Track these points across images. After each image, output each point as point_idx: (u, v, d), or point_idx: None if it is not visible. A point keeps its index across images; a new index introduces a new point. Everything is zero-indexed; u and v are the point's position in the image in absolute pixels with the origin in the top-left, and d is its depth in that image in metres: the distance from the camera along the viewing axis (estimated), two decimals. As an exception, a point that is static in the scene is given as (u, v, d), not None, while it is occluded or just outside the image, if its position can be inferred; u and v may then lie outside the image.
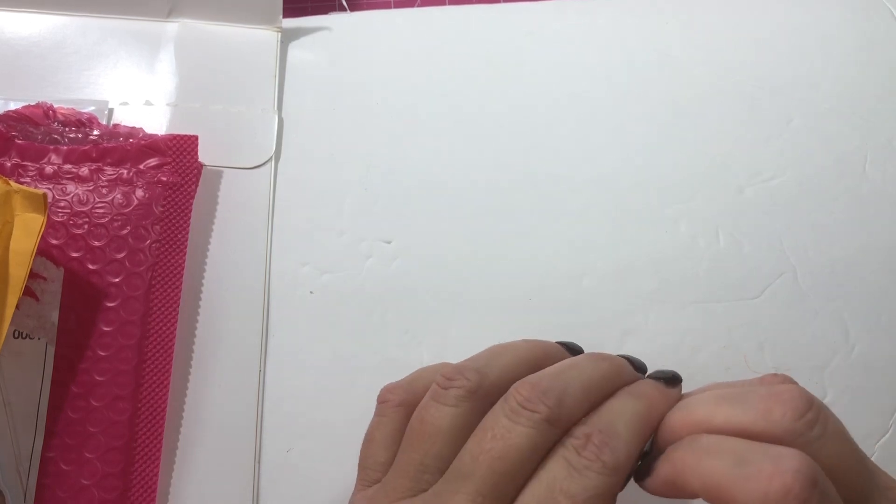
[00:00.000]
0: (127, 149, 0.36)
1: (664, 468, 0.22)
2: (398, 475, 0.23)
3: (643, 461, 0.23)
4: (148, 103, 0.39)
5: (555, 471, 0.22)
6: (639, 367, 0.26)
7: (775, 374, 0.23)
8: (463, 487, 0.22)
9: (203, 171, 0.37)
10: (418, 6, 0.44)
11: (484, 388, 0.24)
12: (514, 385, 0.23)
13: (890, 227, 0.39)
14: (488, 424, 0.23)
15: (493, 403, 0.24)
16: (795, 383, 0.22)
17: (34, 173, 0.35)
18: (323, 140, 0.39)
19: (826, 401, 0.35)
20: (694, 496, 0.21)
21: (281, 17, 0.41)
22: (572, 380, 0.23)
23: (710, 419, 0.22)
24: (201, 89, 0.39)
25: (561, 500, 0.21)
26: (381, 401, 0.27)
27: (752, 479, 0.19)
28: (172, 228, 0.35)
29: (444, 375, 0.25)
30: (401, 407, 0.26)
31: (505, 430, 0.22)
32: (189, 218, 0.36)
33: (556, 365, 0.25)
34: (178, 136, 0.36)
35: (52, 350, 0.33)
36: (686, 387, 0.36)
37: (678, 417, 0.23)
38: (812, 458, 0.19)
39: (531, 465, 0.22)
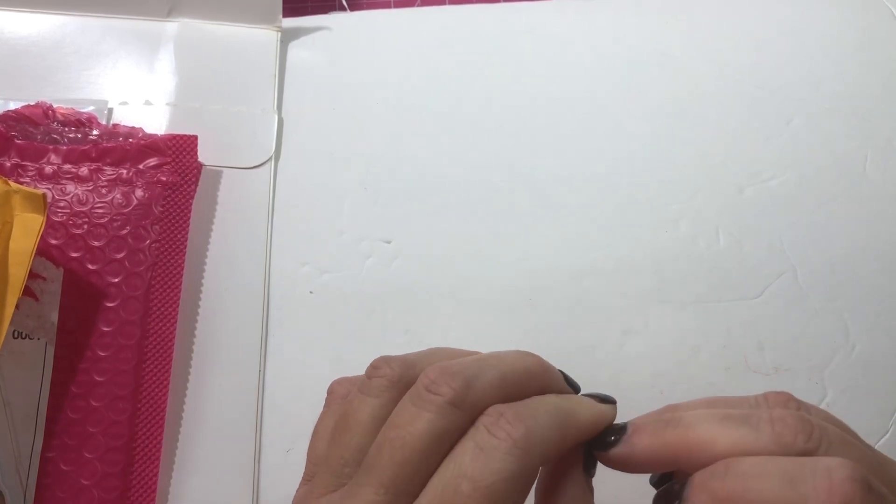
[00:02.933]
0: (126, 149, 0.35)
1: (702, 498, 0.20)
2: (324, 470, 0.23)
3: (666, 493, 0.22)
4: (147, 103, 0.39)
5: (462, 454, 0.21)
6: (571, 384, 0.25)
7: (772, 394, 0.22)
8: (368, 480, 0.21)
9: (203, 171, 0.37)
10: (418, 6, 0.44)
11: (408, 378, 0.23)
12: (425, 369, 0.22)
13: (890, 227, 0.39)
14: (396, 412, 0.22)
15: None
16: (788, 397, 0.21)
17: (34, 173, 0.35)
18: (323, 140, 0.39)
19: (826, 401, 0.35)
20: None
21: (281, 16, 0.41)
22: (488, 367, 0.22)
23: (712, 441, 0.20)
24: (201, 89, 0.39)
25: (464, 485, 0.20)
26: (328, 392, 0.26)
27: (811, 498, 0.18)
28: (172, 228, 0.35)
29: (370, 366, 0.24)
30: (345, 399, 0.25)
31: (409, 417, 0.21)
32: (189, 218, 0.36)
33: (479, 354, 0.24)
34: (178, 135, 0.36)
35: (51, 350, 0.33)
36: (686, 387, 0.36)
37: (673, 434, 0.21)
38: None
39: (439, 452, 0.21)
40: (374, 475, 0.21)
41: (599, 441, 0.23)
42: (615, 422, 0.23)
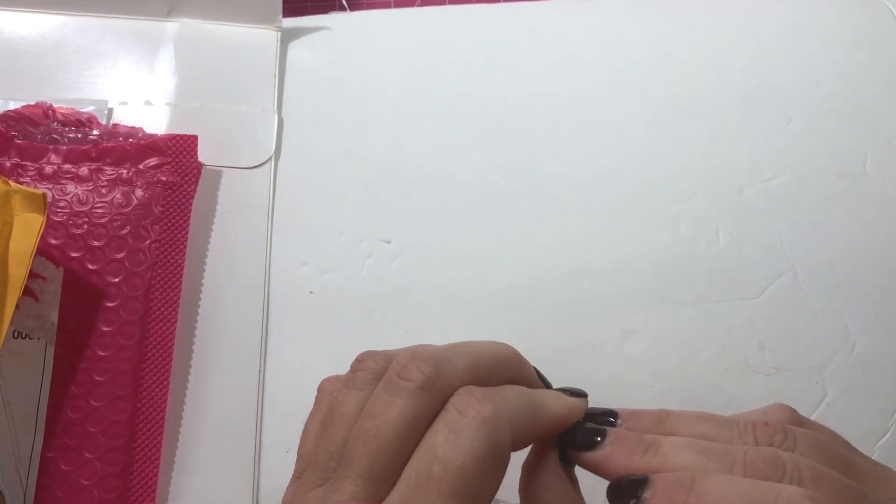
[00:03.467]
0: (126, 148, 0.35)
1: None
2: (312, 465, 0.23)
3: (623, 486, 0.22)
4: (147, 103, 0.39)
5: (434, 436, 0.21)
6: (543, 380, 0.25)
7: (760, 424, 0.22)
8: (348, 472, 0.21)
9: (203, 171, 0.37)
10: (418, 6, 0.44)
11: None
12: (396, 356, 0.22)
13: (890, 227, 0.39)
14: (370, 403, 0.22)
15: None
16: (775, 431, 0.22)
17: (34, 173, 0.35)
18: (323, 140, 0.39)
19: (826, 401, 0.35)
20: None
21: (281, 16, 0.41)
22: (460, 354, 0.22)
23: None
24: (201, 89, 0.39)
25: (435, 468, 0.20)
26: (318, 390, 0.26)
27: None
28: (172, 228, 0.35)
29: (355, 360, 0.24)
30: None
31: (382, 406, 0.21)
32: (189, 218, 0.36)
33: (454, 343, 0.24)
34: (178, 135, 0.36)
35: (51, 350, 0.33)
36: (686, 387, 0.36)
37: (651, 462, 0.21)
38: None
39: (413, 437, 0.21)
40: (353, 466, 0.21)
41: (571, 438, 0.23)
42: (604, 415, 0.24)
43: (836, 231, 0.38)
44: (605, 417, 0.24)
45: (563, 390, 0.24)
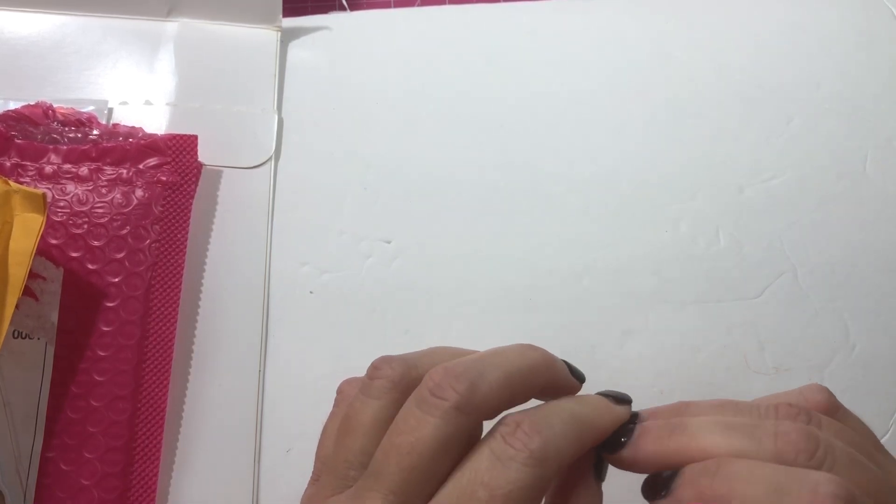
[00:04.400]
0: (126, 148, 0.35)
1: (687, 493, 0.20)
2: (329, 472, 0.23)
3: (655, 480, 0.22)
4: (147, 103, 0.39)
5: (478, 461, 0.21)
6: (576, 374, 0.25)
7: (783, 405, 0.22)
8: (376, 485, 0.21)
9: (203, 171, 0.37)
10: (418, 6, 0.44)
11: (409, 378, 0.23)
12: (429, 371, 0.22)
13: (890, 227, 0.39)
14: (401, 416, 0.22)
15: None
16: (799, 411, 0.21)
17: (34, 173, 0.35)
18: (323, 140, 0.39)
19: (826, 401, 0.35)
20: None
21: (281, 16, 0.41)
22: (492, 366, 0.22)
23: (714, 451, 0.20)
24: (201, 89, 0.39)
25: (480, 492, 0.20)
26: (338, 392, 0.26)
27: None
28: (172, 228, 0.35)
29: (371, 366, 0.24)
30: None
31: (415, 422, 0.21)
32: (189, 218, 0.36)
33: (481, 352, 0.23)
34: (178, 135, 0.36)
35: (51, 350, 0.33)
36: (684, 386, 0.36)
37: (678, 441, 0.21)
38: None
39: (448, 457, 0.21)
40: (383, 481, 0.21)
41: (608, 442, 0.23)
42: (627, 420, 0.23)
43: (836, 231, 0.38)
44: (626, 424, 0.23)
45: (608, 395, 0.24)
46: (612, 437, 0.23)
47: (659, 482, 0.21)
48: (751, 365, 0.36)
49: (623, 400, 0.23)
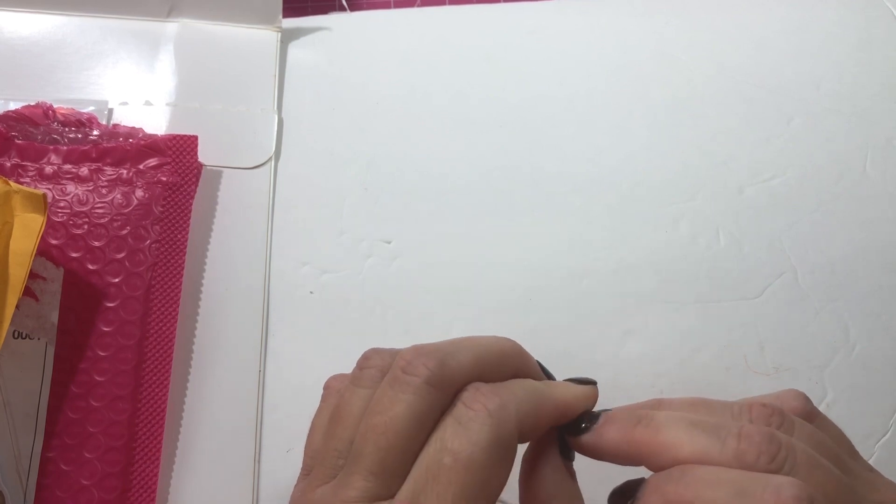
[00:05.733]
0: (127, 149, 0.35)
1: (654, 499, 0.20)
2: (320, 463, 0.23)
3: (622, 489, 0.22)
4: (148, 103, 0.39)
5: (443, 430, 0.21)
6: (547, 373, 0.25)
7: (757, 406, 0.22)
8: (356, 468, 0.21)
9: (203, 171, 0.37)
10: (418, 6, 0.44)
11: None
12: (400, 352, 0.23)
13: (890, 227, 0.39)
14: (376, 398, 0.22)
15: None
16: (772, 412, 0.22)
17: (34, 173, 0.35)
18: (323, 140, 0.39)
19: (826, 401, 0.35)
20: None
21: (281, 16, 0.41)
22: (463, 347, 0.23)
23: (677, 446, 0.21)
24: (201, 89, 0.39)
25: (445, 458, 0.20)
26: (325, 387, 0.27)
27: None
28: (172, 228, 0.35)
29: (361, 357, 0.24)
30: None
31: (388, 402, 0.21)
32: (189, 218, 0.36)
33: (456, 338, 0.24)
34: (178, 136, 0.36)
35: (51, 350, 0.33)
36: (684, 386, 0.36)
37: (642, 433, 0.22)
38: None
39: (422, 432, 0.21)
40: (362, 462, 0.21)
41: (572, 426, 0.23)
42: (596, 409, 0.24)
43: (836, 231, 0.38)
44: (593, 412, 0.24)
45: (571, 380, 0.24)
46: (576, 420, 0.23)
47: (626, 491, 0.22)
48: (751, 365, 0.36)
49: (585, 381, 0.24)
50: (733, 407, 0.22)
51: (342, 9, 0.44)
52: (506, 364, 0.23)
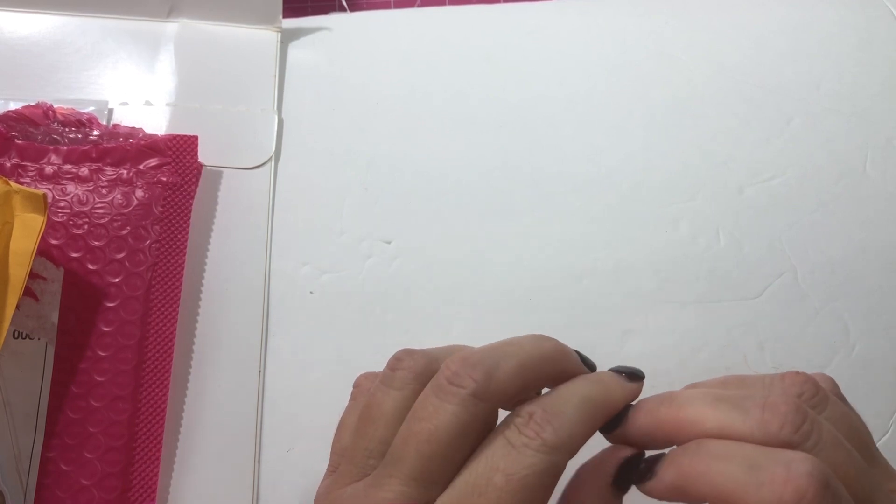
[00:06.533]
0: (127, 149, 0.36)
1: (669, 473, 0.21)
2: (348, 461, 0.23)
3: (643, 464, 0.22)
4: (148, 103, 0.39)
5: (494, 449, 0.21)
6: (588, 364, 0.25)
7: (790, 374, 0.22)
8: (396, 472, 0.21)
9: (203, 171, 0.37)
10: (418, 6, 0.44)
11: (431, 371, 0.23)
12: (446, 360, 0.23)
13: (890, 227, 0.39)
14: (419, 405, 0.22)
15: None
16: (805, 379, 0.22)
17: (34, 173, 0.35)
18: (323, 140, 0.39)
19: (826, 401, 0.35)
20: (702, 502, 0.20)
21: (281, 17, 0.41)
22: (507, 355, 0.23)
23: (701, 420, 0.21)
24: (201, 89, 0.39)
25: (496, 478, 0.21)
26: (354, 386, 0.27)
27: (766, 485, 0.18)
28: (172, 228, 0.35)
29: (393, 358, 0.24)
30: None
31: (433, 410, 0.22)
32: (189, 218, 0.36)
33: (496, 342, 0.24)
34: (178, 136, 0.36)
35: (52, 350, 0.33)
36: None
37: (666, 412, 0.22)
38: None
39: (466, 444, 0.22)
40: (402, 467, 0.21)
41: (634, 473, 0.23)
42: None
43: (836, 231, 0.38)
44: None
45: (621, 371, 0.24)
46: (635, 463, 0.23)
47: (645, 467, 0.22)
48: (751, 365, 0.36)
49: (635, 375, 0.24)
50: (765, 378, 0.22)
51: (342, 9, 0.44)
52: (548, 367, 0.23)
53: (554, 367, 0.24)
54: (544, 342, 0.24)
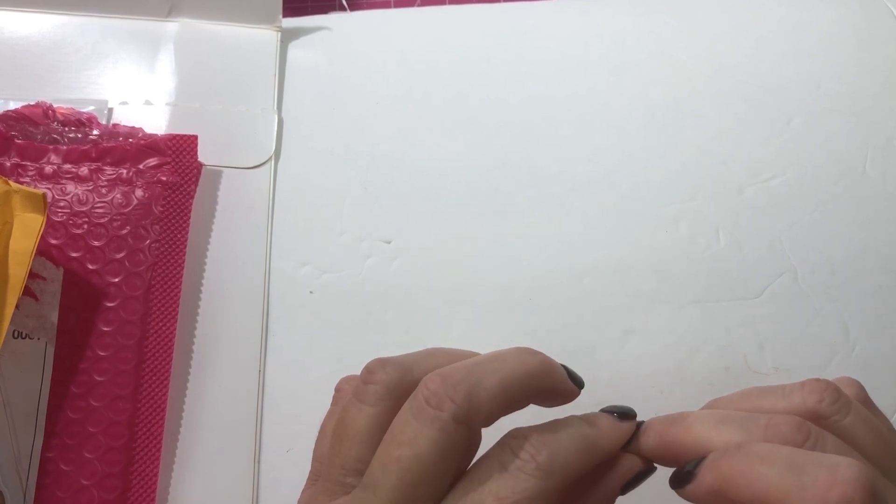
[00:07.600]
0: (126, 148, 0.35)
1: (709, 475, 0.20)
2: (325, 476, 0.23)
3: (681, 472, 0.22)
4: (148, 103, 0.39)
5: (486, 472, 0.21)
6: (575, 379, 0.25)
7: (810, 382, 0.22)
8: (377, 497, 0.21)
9: (203, 171, 0.37)
10: (418, 6, 0.44)
11: (405, 383, 0.22)
12: (424, 377, 0.22)
13: (890, 227, 0.39)
14: (396, 427, 0.21)
15: None
16: (825, 387, 0.22)
17: (34, 173, 0.35)
18: (323, 140, 0.39)
19: (826, 401, 0.35)
20: None
21: (281, 16, 0.41)
22: (490, 372, 0.22)
23: (707, 441, 0.21)
24: (201, 89, 0.39)
25: (488, 501, 0.20)
26: (336, 390, 0.26)
27: (809, 489, 0.18)
28: (172, 228, 0.35)
29: (365, 369, 0.23)
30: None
31: (412, 435, 0.21)
32: (189, 218, 0.36)
33: (479, 356, 0.23)
34: (178, 135, 0.36)
35: (51, 350, 0.33)
36: (684, 386, 0.36)
37: (675, 433, 0.22)
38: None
39: (448, 468, 0.21)
40: (384, 493, 0.21)
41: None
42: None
43: (836, 231, 0.38)
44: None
45: (613, 411, 0.24)
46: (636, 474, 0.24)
47: (684, 471, 0.22)
48: (751, 365, 0.36)
49: (627, 415, 0.24)
50: (785, 388, 0.22)
51: (342, 9, 0.44)
52: (533, 384, 0.23)
53: (539, 382, 0.23)
54: (529, 357, 0.23)
